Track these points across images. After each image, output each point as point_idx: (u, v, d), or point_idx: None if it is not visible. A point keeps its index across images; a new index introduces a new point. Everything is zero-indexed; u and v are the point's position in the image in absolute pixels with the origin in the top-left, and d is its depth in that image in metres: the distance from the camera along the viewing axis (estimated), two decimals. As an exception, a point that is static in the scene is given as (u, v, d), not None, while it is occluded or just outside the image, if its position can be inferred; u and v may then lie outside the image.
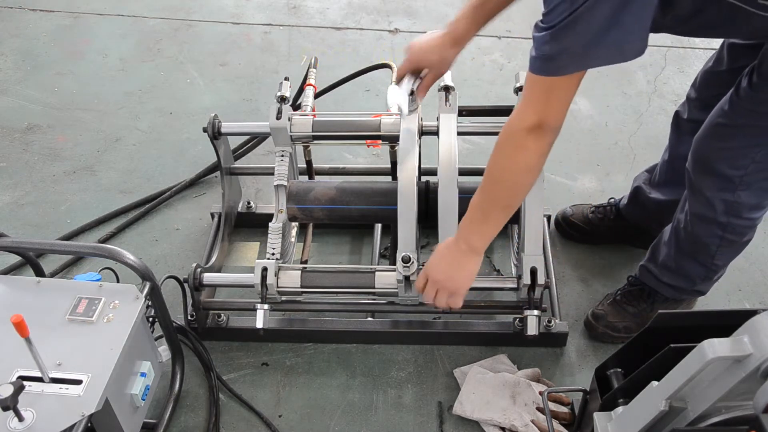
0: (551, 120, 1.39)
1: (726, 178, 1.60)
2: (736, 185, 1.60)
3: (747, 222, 1.68)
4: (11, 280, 1.75)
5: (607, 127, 2.73)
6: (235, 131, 2.10)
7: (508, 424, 1.75)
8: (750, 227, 1.71)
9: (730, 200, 1.63)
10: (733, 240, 1.73)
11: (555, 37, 1.27)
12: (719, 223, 1.68)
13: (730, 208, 1.65)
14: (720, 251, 1.76)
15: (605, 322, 1.98)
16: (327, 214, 1.92)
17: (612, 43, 1.27)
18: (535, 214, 1.74)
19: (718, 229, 1.70)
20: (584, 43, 1.26)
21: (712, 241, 1.73)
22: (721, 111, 1.58)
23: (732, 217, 1.66)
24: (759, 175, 1.58)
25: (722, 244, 1.74)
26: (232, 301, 2.01)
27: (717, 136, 1.60)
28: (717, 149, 1.60)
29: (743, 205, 1.64)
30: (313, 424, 1.82)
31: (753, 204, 1.64)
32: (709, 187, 1.65)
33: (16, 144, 2.66)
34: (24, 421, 1.32)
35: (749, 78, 1.49)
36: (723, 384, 1.10)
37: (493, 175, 1.49)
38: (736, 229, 1.70)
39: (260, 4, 3.44)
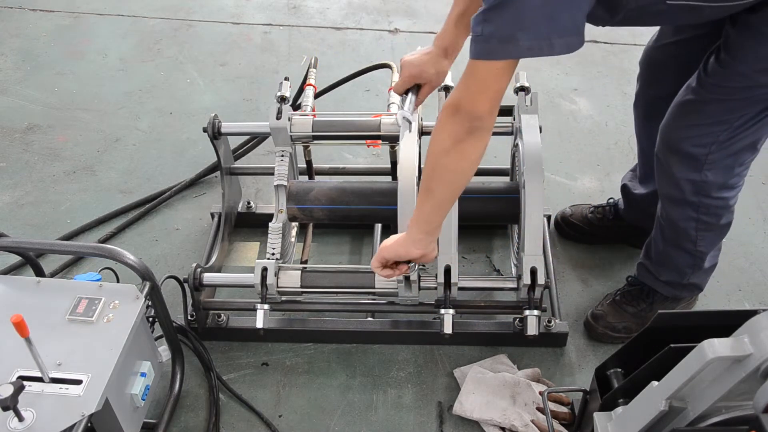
0: (467, 105, 1.34)
1: (692, 157, 1.62)
2: (702, 164, 1.62)
3: (718, 202, 1.70)
4: (11, 280, 1.75)
5: (607, 127, 2.73)
6: (235, 131, 2.10)
7: (508, 424, 1.75)
8: (723, 207, 1.72)
9: (697, 180, 1.65)
10: (709, 222, 1.74)
11: (486, 18, 1.25)
12: (690, 203, 1.70)
13: (698, 188, 1.67)
14: (700, 235, 1.77)
15: (605, 323, 1.98)
16: (327, 214, 1.92)
17: (541, 34, 1.25)
18: (535, 214, 1.74)
19: (692, 211, 1.72)
20: (512, 29, 1.24)
21: (689, 224, 1.75)
22: (688, 89, 1.60)
23: (702, 196, 1.68)
24: (723, 152, 1.60)
25: (699, 227, 1.75)
26: (232, 301, 2.01)
27: (683, 115, 1.62)
28: (683, 127, 1.62)
29: (710, 184, 1.65)
30: (313, 424, 1.82)
31: (720, 183, 1.65)
32: (677, 168, 1.66)
33: (16, 144, 2.66)
34: (24, 421, 1.32)
35: (716, 55, 1.51)
36: (723, 384, 1.10)
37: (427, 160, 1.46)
38: (710, 210, 1.71)
39: (260, 4, 3.44)
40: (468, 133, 1.36)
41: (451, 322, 1.77)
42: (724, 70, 1.50)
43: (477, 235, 2.28)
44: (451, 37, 1.72)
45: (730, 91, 1.52)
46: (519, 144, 1.88)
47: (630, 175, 2.14)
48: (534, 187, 1.74)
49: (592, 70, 3.02)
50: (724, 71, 1.50)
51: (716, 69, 1.52)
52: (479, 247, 2.26)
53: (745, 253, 2.25)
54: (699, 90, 1.57)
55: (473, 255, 2.24)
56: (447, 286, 1.75)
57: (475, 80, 1.32)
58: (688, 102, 1.60)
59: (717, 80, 1.52)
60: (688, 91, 1.60)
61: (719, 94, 1.54)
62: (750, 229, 2.33)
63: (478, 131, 1.36)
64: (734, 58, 1.48)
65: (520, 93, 1.93)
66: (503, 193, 1.91)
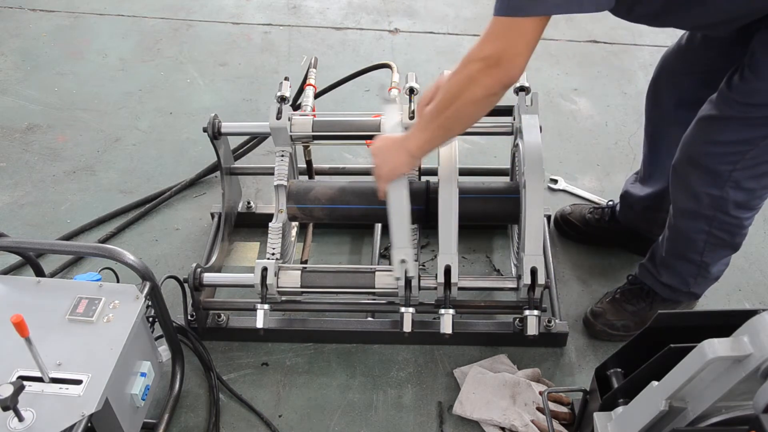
0: (507, 58, 1.37)
1: (714, 174, 1.60)
2: (725, 181, 1.60)
3: (734, 220, 1.68)
4: (11, 280, 1.75)
5: (607, 127, 2.73)
6: (235, 131, 2.10)
7: (508, 424, 1.75)
8: (738, 226, 1.71)
9: (716, 195, 1.63)
10: (720, 237, 1.73)
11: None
12: (705, 216, 1.68)
13: (716, 202, 1.65)
14: (708, 248, 1.76)
15: (604, 320, 1.98)
16: (327, 214, 1.92)
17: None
18: (536, 214, 1.74)
19: (704, 224, 1.70)
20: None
21: (699, 236, 1.73)
22: (711, 104, 1.58)
23: (718, 211, 1.66)
24: (747, 172, 1.58)
25: (709, 240, 1.74)
26: (232, 301, 2.01)
27: (706, 130, 1.59)
28: (707, 143, 1.59)
29: (729, 202, 1.63)
30: (313, 424, 1.82)
31: (740, 201, 1.64)
32: (696, 182, 1.65)
33: (16, 144, 2.66)
34: (24, 421, 1.32)
35: (740, 71, 1.50)
36: (723, 384, 1.10)
37: (444, 95, 1.50)
38: (723, 226, 1.70)
39: (260, 4, 3.44)
40: (503, 86, 1.41)
41: (451, 322, 1.77)
42: (747, 87, 1.48)
43: (477, 235, 2.28)
44: None
45: (751, 108, 1.50)
46: (519, 144, 1.88)
47: (633, 177, 2.14)
48: (534, 187, 1.74)
49: (592, 70, 3.02)
50: (747, 88, 1.48)
51: (739, 85, 1.49)
52: (479, 247, 2.26)
53: (745, 253, 2.24)
54: (721, 106, 1.54)
55: (473, 255, 2.24)
56: (447, 286, 1.75)
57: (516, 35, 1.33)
58: (711, 117, 1.57)
59: (739, 97, 1.50)
60: (711, 105, 1.57)
61: (741, 111, 1.51)
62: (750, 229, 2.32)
63: (510, 85, 1.42)
64: (757, 75, 1.46)
65: (521, 93, 1.93)
66: (503, 193, 1.91)
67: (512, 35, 1.35)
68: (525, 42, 1.35)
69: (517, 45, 1.36)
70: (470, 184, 1.93)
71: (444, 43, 3.19)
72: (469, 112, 1.49)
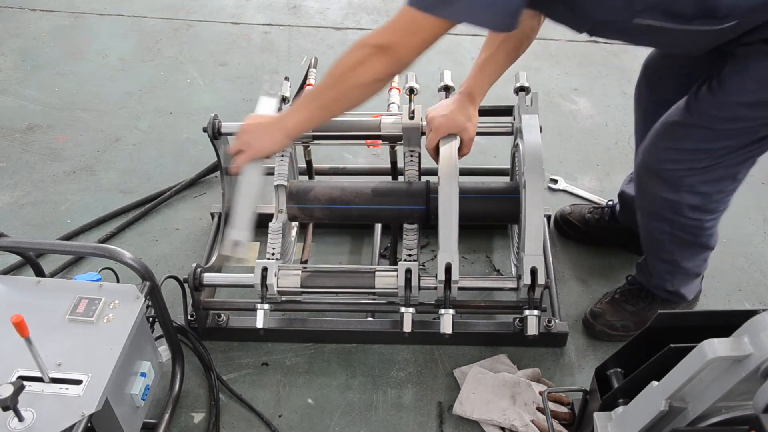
0: (399, 49, 1.42)
1: (669, 178, 1.63)
2: (679, 186, 1.63)
3: (692, 222, 1.70)
4: (11, 280, 1.75)
5: (607, 127, 2.73)
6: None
7: (508, 424, 1.75)
8: (699, 228, 1.72)
9: (671, 199, 1.65)
10: (684, 238, 1.74)
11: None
12: (665, 219, 1.71)
13: (672, 206, 1.67)
14: (677, 249, 1.78)
15: (603, 321, 1.98)
16: (327, 214, 1.92)
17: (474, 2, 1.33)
18: (536, 214, 1.74)
19: (666, 225, 1.73)
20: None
21: (663, 237, 1.76)
22: (677, 110, 1.60)
23: (675, 214, 1.68)
24: (700, 177, 1.60)
25: (675, 241, 1.76)
26: (232, 301, 2.01)
27: (667, 135, 1.62)
28: (665, 149, 1.62)
29: (684, 205, 1.66)
30: (313, 424, 1.82)
31: (695, 204, 1.66)
32: (654, 186, 1.67)
33: (16, 144, 2.66)
34: (24, 421, 1.32)
35: (708, 82, 1.51)
36: (723, 384, 1.10)
37: (331, 71, 1.51)
38: (684, 228, 1.71)
39: (260, 4, 3.44)
40: (389, 75, 1.47)
41: (451, 322, 1.77)
42: (713, 99, 1.50)
43: (477, 235, 2.28)
44: (477, 84, 1.78)
45: (715, 120, 1.52)
46: (519, 144, 1.88)
47: (628, 178, 2.15)
48: (534, 187, 1.74)
49: (592, 70, 3.02)
50: (713, 99, 1.50)
51: (706, 96, 1.51)
52: (479, 247, 2.26)
53: (745, 253, 2.25)
54: (686, 114, 1.57)
55: (473, 255, 2.24)
56: (447, 286, 1.75)
57: (413, 29, 1.39)
58: (674, 123, 1.60)
59: (704, 107, 1.52)
60: (676, 112, 1.60)
61: (705, 121, 1.53)
62: (750, 229, 2.33)
63: (394, 75, 1.49)
64: (723, 88, 1.48)
65: (521, 93, 1.93)
66: (503, 193, 1.91)
67: (413, 29, 1.39)
68: (422, 39, 1.41)
69: (414, 40, 1.41)
70: (470, 184, 1.92)
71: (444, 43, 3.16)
72: (354, 95, 1.51)
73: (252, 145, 1.66)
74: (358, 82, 1.47)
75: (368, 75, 1.46)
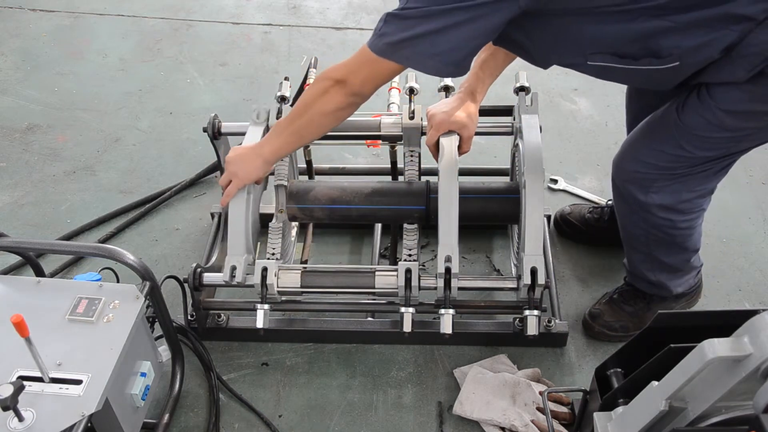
0: (354, 83, 1.56)
1: (641, 179, 1.66)
2: (648, 188, 1.66)
3: (663, 221, 1.72)
4: (11, 280, 1.75)
5: (607, 127, 2.73)
6: (235, 131, 2.10)
7: (508, 424, 1.75)
8: (672, 227, 1.73)
9: (641, 200, 1.69)
10: (659, 236, 1.76)
11: (388, 20, 1.46)
12: (639, 215, 1.73)
13: (642, 206, 1.70)
14: (653, 244, 1.80)
15: (602, 321, 1.98)
16: (327, 214, 1.92)
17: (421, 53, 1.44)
18: (536, 214, 1.74)
19: (641, 222, 1.75)
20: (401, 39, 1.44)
21: (639, 232, 1.79)
22: (662, 114, 1.62)
23: (646, 213, 1.71)
24: (670, 181, 1.63)
25: (651, 237, 1.78)
26: (232, 301, 2.01)
27: (651, 138, 1.64)
28: (646, 149, 1.64)
29: (653, 206, 1.68)
30: (313, 424, 1.82)
31: (665, 204, 1.68)
32: (625, 184, 1.70)
33: (16, 144, 2.66)
34: (24, 421, 1.32)
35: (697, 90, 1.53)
36: (723, 384, 1.10)
37: (299, 103, 1.66)
38: (656, 227, 1.74)
39: (260, 4, 3.44)
40: (349, 105, 1.61)
41: (451, 322, 1.77)
42: (700, 106, 1.52)
43: (477, 235, 2.28)
44: (477, 82, 1.83)
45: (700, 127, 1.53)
46: (519, 144, 1.88)
47: None
48: (534, 187, 1.74)
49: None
50: (700, 107, 1.52)
51: (694, 103, 1.53)
52: (479, 247, 2.26)
53: (745, 253, 2.25)
54: (672, 119, 1.58)
55: (473, 255, 2.24)
56: (447, 286, 1.75)
57: (368, 68, 1.53)
58: (658, 127, 1.62)
59: (691, 114, 1.54)
60: (661, 116, 1.62)
61: (690, 128, 1.55)
62: (750, 229, 2.33)
63: (356, 104, 1.61)
64: (711, 96, 1.50)
65: (521, 93, 1.93)
66: (503, 193, 1.91)
67: (367, 68, 1.53)
68: (375, 77, 1.55)
69: (368, 77, 1.55)
70: (470, 184, 1.93)
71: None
72: (320, 122, 1.65)
73: (237, 174, 1.77)
74: (323, 111, 1.62)
75: (330, 105, 1.60)
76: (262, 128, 1.92)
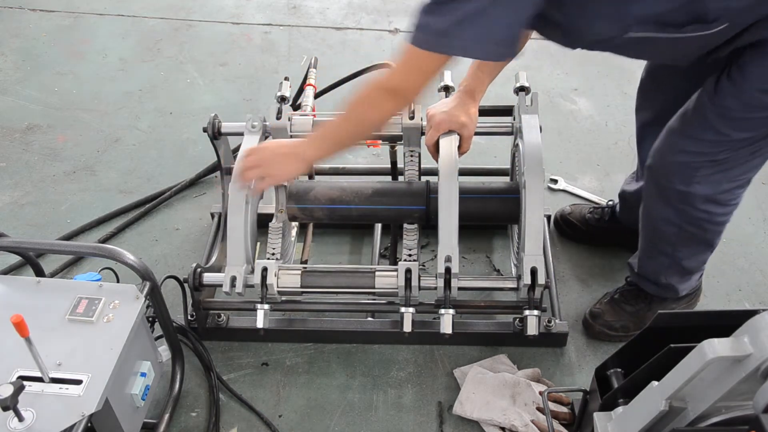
0: (407, 91, 1.52)
1: (684, 170, 1.62)
2: (692, 177, 1.62)
3: (703, 214, 1.69)
4: (11, 280, 1.75)
5: (607, 127, 2.73)
6: (235, 131, 2.10)
7: (508, 424, 1.75)
8: (708, 221, 1.71)
9: (684, 191, 1.65)
10: (692, 232, 1.73)
11: (431, 9, 1.37)
12: (675, 209, 1.70)
13: (683, 197, 1.66)
14: (681, 242, 1.77)
15: (602, 321, 1.98)
16: (327, 214, 1.92)
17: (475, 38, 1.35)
18: (536, 214, 1.74)
19: (675, 218, 1.72)
20: (449, 27, 1.35)
21: (670, 230, 1.75)
22: (695, 102, 1.58)
23: (686, 205, 1.68)
24: (714, 169, 1.60)
25: (681, 234, 1.74)
26: (232, 301, 2.00)
27: (688, 127, 1.60)
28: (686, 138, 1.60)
29: (696, 196, 1.65)
30: (313, 424, 1.82)
31: (707, 195, 1.64)
32: (666, 178, 1.66)
33: (16, 144, 2.66)
34: (24, 421, 1.32)
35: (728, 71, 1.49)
36: (723, 384, 1.10)
37: (350, 113, 1.61)
38: (693, 220, 1.70)
39: (260, 4, 3.44)
40: (398, 110, 1.63)
41: (451, 322, 1.77)
42: (733, 87, 1.48)
43: (477, 235, 2.28)
44: (477, 81, 1.81)
45: (736, 109, 1.50)
46: (519, 144, 1.88)
47: (629, 179, 2.15)
48: (534, 187, 1.74)
49: (592, 70, 3.02)
50: (733, 88, 1.48)
51: (726, 85, 1.50)
52: (479, 247, 2.26)
53: (745, 253, 2.25)
54: (706, 104, 1.54)
55: (473, 255, 2.24)
56: (447, 286, 1.75)
57: (417, 68, 1.47)
58: (693, 115, 1.58)
59: (725, 96, 1.50)
60: (695, 104, 1.58)
61: (726, 111, 1.51)
62: (750, 229, 2.33)
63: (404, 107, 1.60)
64: (743, 76, 1.46)
65: (521, 93, 1.93)
66: (503, 193, 1.91)
67: (417, 69, 1.47)
68: (425, 76, 1.49)
69: (420, 79, 1.49)
70: (470, 184, 1.92)
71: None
72: (367, 132, 1.69)
73: (272, 172, 1.73)
74: (372, 122, 1.62)
75: (380, 116, 1.60)
76: (257, 137, 1.91)
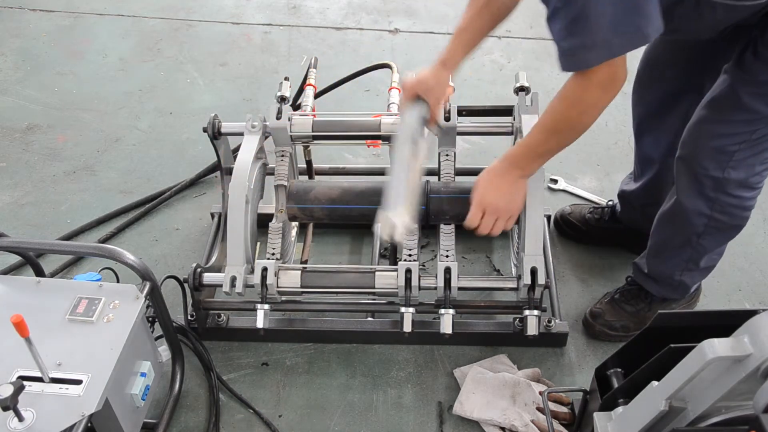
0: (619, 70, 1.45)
1: (720, 154, 1.61)
2: (727, 162, 1.61)
3: (735, 200, 1.68)
4: (11, 280, 1.75)
5: (607, 127, 2.73)
6: (235, 131, 2.10)
7: (508, 424, 1.75)
8: (739, 207, 1.70)
9: (718, 177, 1.64)
10: (721, 220, 1.72)
11: (571, 32, 1.34)
12: (708, 198, 1.68)
13: (718, 184, 1.65)
14: (708, 231, 1.75)
15: (602, 321, 1.98)
16: (327, 214, 1.92)
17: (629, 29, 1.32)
18: (536, 214, 1.74)
19: (706, 207, 1.70)
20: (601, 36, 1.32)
21: (699, 220, 1.73)
22: (720, 86, 1.57)
23: (720, 193, 1.67)
24: (749, 152, 1.59)
25: (710, 224, 1.73)
26: (232, 301, 2.00)
27: (718, 111, 1.59)
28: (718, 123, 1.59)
29: (731, 182, 1.64)
30: (313, 424, 1.82)
31: (740, 179, 1.64)
32: (701, 165, 1.65)
33: (16, 144, 2.66)
34: (24, 421, 1.32)
35: (753, 48, 1.49)
36: (723, 384, 1.10)
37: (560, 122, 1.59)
38: (725, 208, 1.69)
39: (260, 4, 3.44)
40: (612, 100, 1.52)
41: (451, 322, 1.77)
42: (760, 62, 1.48)
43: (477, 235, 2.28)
44: (452, 50, 1.79)
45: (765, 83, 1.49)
46: (519, 144, 1.87)
47: (627, 179, 2.16)
48: (534, 187, 1.74)
49: (592, 70, 3.01)
50: (760, 63, 1.48)
51: (751, 61, 1.49)
52: (479, 247, 2.26)
53: (745, 253, 2.25)
54: (734, 85, 1.53)
55: (473, 255, 2.24)
56: (447, 286, 1.75)
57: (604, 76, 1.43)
58: (721, 98, 1.57)
59: (752, 72, 1.50)
60: (720, 88, 1.57)
61: (755, 87, 1.51)
62: (750, 229, 2.31)
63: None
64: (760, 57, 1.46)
65: (521, 93, 1.93)
66: (503, 193, 1.91)
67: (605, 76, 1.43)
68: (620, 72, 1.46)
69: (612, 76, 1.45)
70: (470, 184, 1.92)
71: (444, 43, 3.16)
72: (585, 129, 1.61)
73: (505, 209, 1.70)
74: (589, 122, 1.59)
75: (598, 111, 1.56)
76: (257, 137, 1.90)
